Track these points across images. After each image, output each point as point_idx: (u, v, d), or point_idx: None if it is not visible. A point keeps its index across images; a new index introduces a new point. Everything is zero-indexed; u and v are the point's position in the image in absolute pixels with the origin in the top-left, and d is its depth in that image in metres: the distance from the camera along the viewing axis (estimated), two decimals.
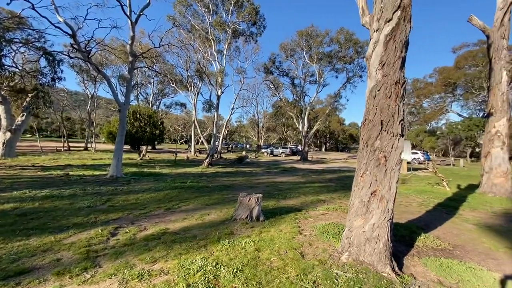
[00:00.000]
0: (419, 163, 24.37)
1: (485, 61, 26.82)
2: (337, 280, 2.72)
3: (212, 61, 22.05)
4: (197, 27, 20.61)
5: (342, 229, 4.09)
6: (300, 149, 32.06)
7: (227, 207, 5.91)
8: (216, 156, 24.54)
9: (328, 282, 2.69)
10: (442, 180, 10.16)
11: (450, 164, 27.71)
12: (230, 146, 43.33)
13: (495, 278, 2.93)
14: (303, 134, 27.77)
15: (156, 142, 27.69)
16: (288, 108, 30.54)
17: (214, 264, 2.98)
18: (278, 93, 31.40)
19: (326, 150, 66.76)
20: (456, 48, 37.67)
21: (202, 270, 2.81)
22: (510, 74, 10.21)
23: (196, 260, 3.06)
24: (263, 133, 57.07)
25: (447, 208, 6.74)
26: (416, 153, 28.97)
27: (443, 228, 4.97)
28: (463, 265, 3.20)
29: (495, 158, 9.34)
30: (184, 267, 2.89)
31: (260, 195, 4.95)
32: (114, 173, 10.43)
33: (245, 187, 8.91)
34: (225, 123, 27.52)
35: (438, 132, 53.43)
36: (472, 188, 10.27)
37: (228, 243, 3.67)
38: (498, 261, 3.51)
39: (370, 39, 3.66)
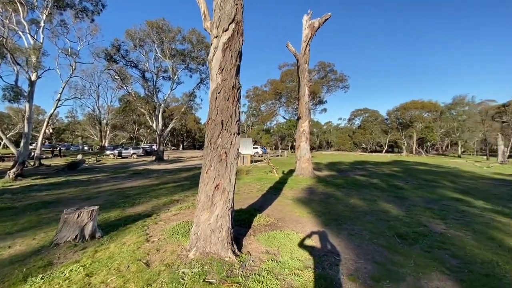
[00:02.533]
0: (259, 156, 29.57)
1: (297, 78, 37.01)
2: (183, 279, 2.72)
3: (21, 33, 15.95)
4: None
5: (192, 227, 4.16)
6: (156, 149, 29.96)
7: (45, 230, 4.46)
8: (33, 164, 18.10)
9: (174, 284, 2.63)
10: (273, 168, 12.85)
11: (279, 155, 35.60)
12: (58, 148, 33.31)
13: (300, 237, 4.03)
14: (158, 132, 26.11)
15: None
16: (139, 104, 27.57)
17: None
18: (126, 86, 27.55)
19: (183, 148, 66.55)
20: (281, 65, 48.73)
21: None
22: (310, 89, 14.45)
23: None
24: (107, 132, 48.32)
25: (276, 190, 8.58)
26: (257, 148, 34.95)
27: (272, 207, 6.26)
28: (282, 233, 4.17)
29: (303, 149, 12.93)
30: None
31: (96, 207, 4.11)
32: None
33: (78, 200, 7.14)
34: (47, 119, 20.83)
35: (271, 131, 66.93)
36: (291, 172, 13.65)
37: (42, 278, 2.76)
38: (303, 224, 4.84)
39: (211, 44, 3.91)
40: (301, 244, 3.77)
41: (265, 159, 15.05)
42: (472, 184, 10.67)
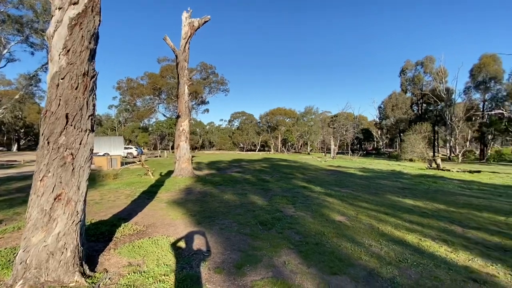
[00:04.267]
0: (134, 157, 26.32)
1: (177, 75, 35.60)
2: None
3: None
4: None
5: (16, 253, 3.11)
6: None
7: None
8: None
9: None
10: (148, 170, 11.76)
11: (158, 156, 33.07)
12: None
13: (170, 241, 3.86)
14: None
15: None
16: None
17: None
18: None
19: (20, 149, 49.32)
20: (160, 59, 45.48)
21: None
22: (190, 88, 14.26)
23: None
24: None
25: (149, 194, 7.88)
26: (131, 148, 30.96)
27: (142, 213, 5.69)
28: (150, 240, 3.86)
29: (182, 148, 12.59)
30: None
31: None
32: None
33: None
34: None
35: (150, 129, 61.24)
36: (169, 173, 12.98)
37: None
38: (175, 227, 4.67)
39: (52, 15, 3.07)
40: (171, 248, 3.62)
41: (139, 161, 13.55)
42: (314, 175, 13.91)
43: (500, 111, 36.80)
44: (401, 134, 46.39)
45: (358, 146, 59.65)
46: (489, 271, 3.08)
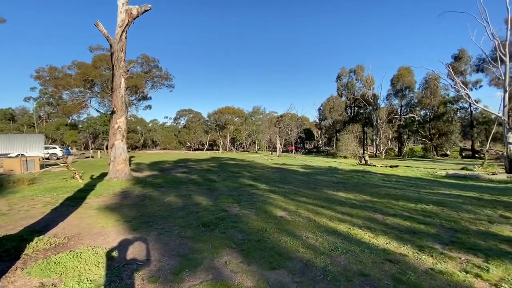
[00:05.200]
0: (57, 159, 22.77)
1: (112, 67, 32.10)
2: None
3: None
4: None
5: None
6: None
7: None
8: None
9: None
10: (75, 173, 10.29)
11: (89, 157, 29.34)
12: None
13: (97, 253, 3.42)
14: None
15: None
16: None
17: None
18: None
19: None
20: (93, 47, 40.37)
21: None
22: (127, 81, 12.99)
23: None
24: None
25: (75, 200, 6.88)
26: (55, 147, 26.74)
27: (65, 223, 4.92)
28: (72, 253, 3.35)
29: (118, 148, 11.39)
30: None
31: None
32: None
33: None
34: None
35: (80, 126, 53.96)
36: (103, 176, 11.62)
37: None
38: (105, 236, 4.17)
39: None
40: (98, 260, 3.20)
41: (64, 162, 11.79)
42: (261, 173, 14.29)
43: (413, 115, 44.00)
44: (337, 134, 51.41)
45: (301, 144, 63.75)
46: (402, 251, 3.62)
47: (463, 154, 40.21)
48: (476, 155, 36.61)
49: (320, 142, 69.10)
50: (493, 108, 41.54)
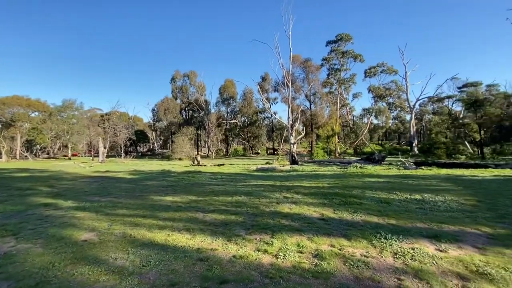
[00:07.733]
0: None
1: None
2: None
3: None
4: None
5: None
6: None
7: None
8: None
9: None
10: None
11: None
12: None
13: None
14: None
15: None
16: None
17: None
18: None
19: None
20: None
21: None
22: None
23: None
24: None
25: None
26: None
27: None
28: None
29: None
30: None
31: None
32: None
33: None
34: None
35: None
36: None
37: None
38: None
39: None
40: None
41: None
42: (71, 185, 11.14)
43: (235, 121, 52.12)
44: (173, 136, 51.17)
45: (132, 148, 57.37)
46: (213, 246, 3.86)
47: (268, 151, 53.10)
48: (275, 152, 49.63)
49: (156, 145, 65.58)
50: (284, 118, 58.34)
